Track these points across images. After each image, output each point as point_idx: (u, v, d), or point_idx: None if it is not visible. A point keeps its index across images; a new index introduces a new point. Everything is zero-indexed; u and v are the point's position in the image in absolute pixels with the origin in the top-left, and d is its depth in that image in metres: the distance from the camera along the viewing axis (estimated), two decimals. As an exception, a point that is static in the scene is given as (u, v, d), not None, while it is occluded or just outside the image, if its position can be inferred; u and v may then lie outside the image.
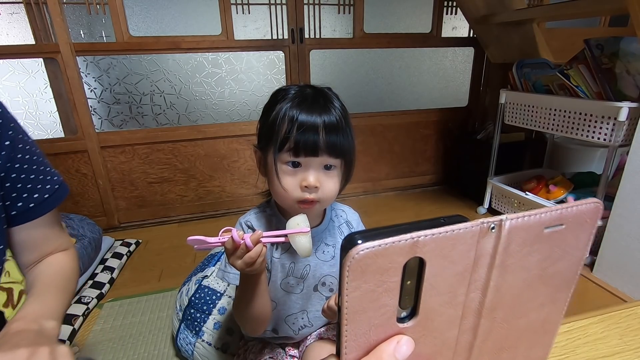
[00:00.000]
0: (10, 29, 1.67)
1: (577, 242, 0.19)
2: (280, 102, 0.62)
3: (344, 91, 2.27)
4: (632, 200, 1.28)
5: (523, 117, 1.72)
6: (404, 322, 0.17)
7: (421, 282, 0.17)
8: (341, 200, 0.79)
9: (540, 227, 0.18)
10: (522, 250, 0.18)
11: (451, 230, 0.16)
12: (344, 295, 0.16)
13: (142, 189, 1.93)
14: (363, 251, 0.15)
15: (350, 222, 0.78)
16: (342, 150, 0.62)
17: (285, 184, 0.61)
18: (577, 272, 0.21)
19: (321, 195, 0.62)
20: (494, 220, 0.17)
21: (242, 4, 1.83)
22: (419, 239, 0.16)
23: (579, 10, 1.54)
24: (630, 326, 0.47)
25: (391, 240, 0.15)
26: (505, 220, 0.17)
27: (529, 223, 0.17)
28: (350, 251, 0.15)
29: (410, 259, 0.16)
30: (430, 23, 2.16)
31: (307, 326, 0.78)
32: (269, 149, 0.62)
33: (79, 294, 1.33)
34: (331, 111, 0.61)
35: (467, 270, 0.17)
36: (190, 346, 1.03)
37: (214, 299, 1.06)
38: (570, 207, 0.18)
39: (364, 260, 0.15)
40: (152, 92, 1.93)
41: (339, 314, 0.16)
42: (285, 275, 0.72)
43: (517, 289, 0.19)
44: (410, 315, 0.17)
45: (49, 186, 0.58)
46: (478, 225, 0.17)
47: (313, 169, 0.61)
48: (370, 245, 0.15)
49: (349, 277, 0.15)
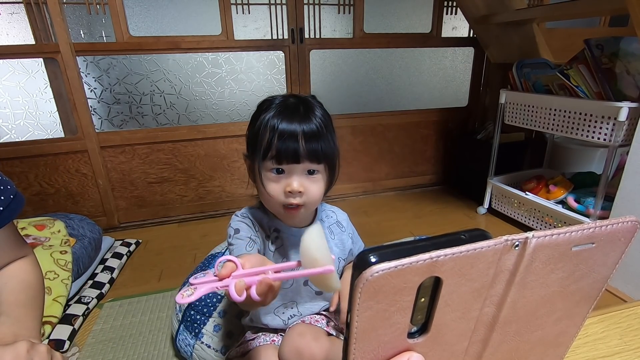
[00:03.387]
0: (10, 29, 1.67)
1: (605, 260, 0.18)
2: (264, 112, 0.65)
3: (344, 91, 2.28)
4: (632, 200, 1.28)
5: (523, 117, 1.72)
6: (414, 338, 0.17)
7: (435, 300, 0.16)
8: (341, 201, 0.81)
9: (569, 246, 0.17)
10: (545, 268, 0.17)
11: (473, 249, 0.15)
12: (354, 314, 0.15)
13: (142, 189, 1.93)
14: (378, 273, 0.14)
15: (340, 222, 0.81)
16: (324, 155, 0.64)
17: (270, 190, 0.64)
18: (601, 289, 0.19)
19: (306, 200, 0.65)
20: (519, 238, 0.16)
21: (242, 4, 1.83)
22: (438, 259, 0.15)
23: (579, 10, 1.54)
24: (630, 326, 0.47)
25: (408, 261, 0.14)
26: (532, 239, 0.16)
27: (556, 241, 0.16)
28: (363, 273, 0.14)
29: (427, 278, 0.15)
30: (430, 23, 2.15)
31: (295, 315, 0.80)
32: (255, 157, 0.66)
33: (79, 294, 1.33)
34: (311, 119, 0.64)
35: (485, 287, 0.16)
36: (189, 348, 1.03)
37: (214, 302, 1.06)
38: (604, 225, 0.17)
39: (378, 282, 0.14)
40: (152, 92, 1.93)
41: (347, 330, 0.16)
42: None
43: (534, 305, 0.18)
44: (420, 330, 0.17)
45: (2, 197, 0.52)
46: (502, 243, 0.16)
47: (296, 174, 0.64)
48: (386, 266, 0.14)
49: (360, 298, 0.14)
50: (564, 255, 0.17)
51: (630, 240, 0.18)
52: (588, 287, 0.19)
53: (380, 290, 0.14)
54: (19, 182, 1.72)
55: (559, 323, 0.20)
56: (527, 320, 0.19)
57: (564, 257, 0.17)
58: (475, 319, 0.17)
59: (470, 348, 0.18)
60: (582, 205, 1.55)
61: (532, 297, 0.18)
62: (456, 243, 0.15)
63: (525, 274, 0.17)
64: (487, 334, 0.18)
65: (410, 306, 0.15)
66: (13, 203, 0.54)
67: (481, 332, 0.18)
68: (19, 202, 0.56)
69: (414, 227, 1.87)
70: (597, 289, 0.19)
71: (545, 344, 0.20)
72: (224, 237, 1.47)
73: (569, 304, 0.19)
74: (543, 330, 0.20)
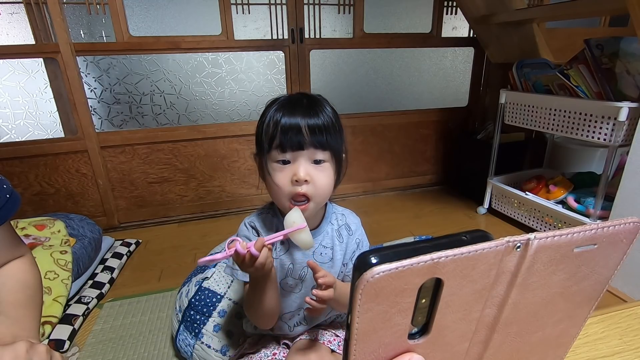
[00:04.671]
0: (10, 29, 1.67)
1: (607, 261, 0.18)
2: (269, 108, 0.67)
3: (344, 91, 2.28)
4: (632, 200, 1.28)
5: (523, 117, 1.72)
6: (414, 339, 0.17)
7: (436, 301, 0.16)
8: (341, 201, 0.80)
9: (570, 247, 0.17)
10: (546, 270, 0.17)
11: (474, 251, 0.15)
12: (354, 316, 0.15)
13: (142, 189, 1.93)
14: (378, 274, 0.14)
15: (349, 225, 0.78)
16: (329, 143, 0.65)
17: (277, 180, 0.64)
18: (603, 290, 0.20)
19: (313, 190, 0.64)
20: (520, 239, 0.16)
21: (242, 4, 1.83)
22: (439, 260, 0.15)
23: (579, 10, 1.54)
24: (630, 326, 0.47)
25: (409, 263, 0.14)
26: (533, 240, 0.16)
27: (558, 243, 0.16)
28: (364, 274, 0.14)
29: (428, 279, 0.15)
30: (430, 23, 2.15)
31: (302, 324, 0.79)
32: (262, 152, 0.66)
33: (79, 294, 1.33)
34: (315, 109, 0.65)
35: (486, 288, 0.16)
36: (189, 348, 1.03)
37: (214, 301, 1.06)
38: (607, 226, 0.17)
39: (378, 284, 0.14)
40: (152, 92, 1.93)
41: (348, 331, 0.16)
42: (285, 275, 0.73)
43: (535, 306, 0.18)
44: (421, 331, 0.17)
45: None
46: (503, 244, 0.16)
47: (302, 163, 0.64)
48: (387, 268, 0.14)
49: (361, 300, 0.14)
50: (565, 256, 0.17)
51: (632, 242, 0.18)
52: (589, 288, 0.19)
53: (381, 292, 0.14)
54: (19, 182, 1.72)
55: (559, 324, 0.20)
56: (528, 322, 0.19)
57: (566, 259, 0.17)
58: (477, 320, 0.17)
59: (471, 349, 0.18)
60: (582, 205, 1.55)
61: (533, 298, 0.18)
62: (457, 244, 0.15)
63: (526, 276, 0.17)
64: (488, 335, 0.18)
65: (411, 307, 0.15)
66: (9, 203, 0.54)
67: (482, 334, 0.18)
68: (14, 201, 0.55)
69: (414, 227, 1.87)
70: (599, 290, 0.19)
71: (546, 345, 0.20)
72: (224, 237, 1.47)
73: (570, 305, 0.19)
74: (544, 332, 0.19)
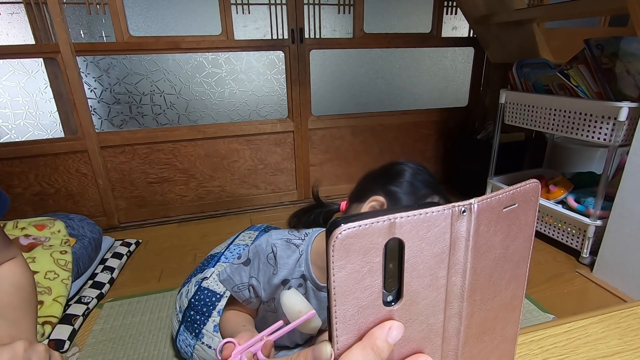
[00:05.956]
0: (10, 29, 1.67)
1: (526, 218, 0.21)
2: None
3: (344, 91, 2.28)
4: (632, 200, 1.28)
5: (523, 117, 1.72)
6: (390, 305, 0.18)
7: (402, 264, 0.18)
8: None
9: (500, 207, 0.20)
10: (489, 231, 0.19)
11: (425, 213, 0.17)
12: (331, 276, 0.17)
13: (142, 189, 1.93)
14: (345, 231, 0.16)
15: None
16: None
17: None
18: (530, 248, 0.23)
19: None
20: (464, 204, 0.18)
21: (242, 4, 1.83)
22: (395, 220, 0.17)
23: (579, 10, 1.54)
24: (630, 326, 0.47)
25: (370, 221, 0.16)
26: (474, 204, 0.18)
27: (492, 204, 0.19)
28: (333, 232, 0.16)
29: (390, 240, 0.17)
30: (430, 23, 2.15)
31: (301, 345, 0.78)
32: None
33: (79, 294, 1.33)
34: None
35: (445, 252, 0.18)
36: (189, 348, 1.03)
37: (213, 301, 1.06)
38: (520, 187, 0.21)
39: (346, 240, 0.16)
40: (152, 92, 1.93)
41: (329, 297, 0.17)
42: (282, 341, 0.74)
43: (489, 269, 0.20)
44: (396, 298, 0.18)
45: None
46: (449, 208, 0.18)
47: None
48: (352, 225, 0.16)
49: (334, 257, 0.16)
50: (498, 217, 0.20)
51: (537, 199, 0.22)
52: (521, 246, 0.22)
53: (350, 249, 0.16)
54: (19, 182, 1.72)
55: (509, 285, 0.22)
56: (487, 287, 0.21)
57: (499, 219, 0.20)
58: (444, 287, 0.19)
59: (447, 324, 0.20)
60: (582, 205, 1.55)
61: (485, 261, 0.20)
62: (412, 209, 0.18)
63: (476, 239, 0.19)
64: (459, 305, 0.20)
65: (380, 268, 0.17)
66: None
67: (455, 305, 0.20)
68: (3, 203, 0.55)
69: (414, 227, 1.87)
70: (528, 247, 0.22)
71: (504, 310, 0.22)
72: (223, 237, 1.47)
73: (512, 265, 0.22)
74: (500, 296, 0.22)
